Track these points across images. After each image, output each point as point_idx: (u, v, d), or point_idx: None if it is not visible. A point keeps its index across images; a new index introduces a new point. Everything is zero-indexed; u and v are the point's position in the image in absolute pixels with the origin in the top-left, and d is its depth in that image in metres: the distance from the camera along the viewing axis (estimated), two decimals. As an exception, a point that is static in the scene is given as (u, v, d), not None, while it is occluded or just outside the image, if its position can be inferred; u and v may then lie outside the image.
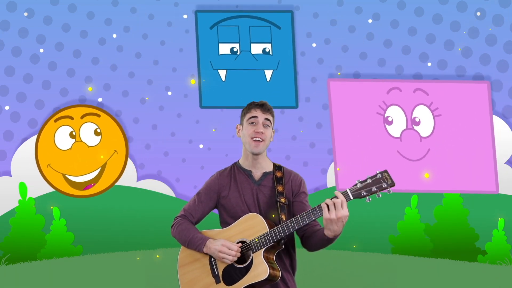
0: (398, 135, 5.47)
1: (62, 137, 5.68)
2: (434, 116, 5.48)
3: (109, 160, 5.65)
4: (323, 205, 3.13)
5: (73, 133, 5.62)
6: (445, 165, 5.54)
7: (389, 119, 5.41)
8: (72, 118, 5.61)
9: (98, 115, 5.62)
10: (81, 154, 5.65)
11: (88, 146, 5.65)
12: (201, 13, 5.65)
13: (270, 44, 5.65)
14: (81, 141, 5.63)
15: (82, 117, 5.63)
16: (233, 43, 5.64)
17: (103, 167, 5.65)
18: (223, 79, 5.67)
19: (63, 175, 5.62)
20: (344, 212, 3.10)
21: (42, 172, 5.66)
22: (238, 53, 5.61)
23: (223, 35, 5.63)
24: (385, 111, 5.38)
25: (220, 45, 5.64)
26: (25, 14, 5.67)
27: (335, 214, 3.10)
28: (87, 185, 5.65)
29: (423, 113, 5.48)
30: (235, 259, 3.33)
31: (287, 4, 5.67)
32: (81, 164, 5.68)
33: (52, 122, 5.60)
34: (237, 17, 5.65)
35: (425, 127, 5.52)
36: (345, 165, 5.21)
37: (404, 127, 5.47)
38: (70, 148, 5.65)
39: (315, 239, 3.32)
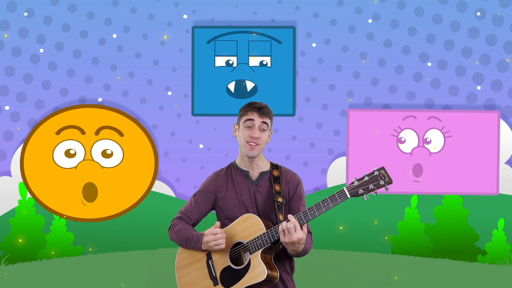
0: (409, 151, 5.65)
1: (63, 154, 5.54)
2: (445, 137, 5.63)
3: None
4: (280, 229, 3.21)
5: (82, 150, 5.39)
6: (447, 169, 5.67)
7: (402, 139, 5.63)
8: (83, 132, 5.40)
9: (122, 134, 5.40)
10: (91, 175, 5.36)
11: (102, 167, 5.47)
12: (198, 29, 5.64)
13: (269, 57, 5.66)
14: (93, 160, 5.40)
15: (96, 133, 5.43)
16: (230, 56, 5.65)
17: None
18: (233, 90, 5.68)
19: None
20: (298, 235, 3.19)
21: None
22: (235, 65, 5.62)
23: (220, 49, 5.63)
24: (399, 133, 5.62)
25: (216, 58, 5.65)
26: (25, 14, 5.67)
27: (289, 238, 3.19)
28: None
29: (434, 135, 5.65)
30: (224, 240, 3.31)
31: (289, 20, 5.65)
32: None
33: (53, 135, 5.43)
34: (236, 32, 5.64)
35: (435, 145, 5.66)
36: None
37: (416, 145, 5.65)
38: (75, 167, 5.51)
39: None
